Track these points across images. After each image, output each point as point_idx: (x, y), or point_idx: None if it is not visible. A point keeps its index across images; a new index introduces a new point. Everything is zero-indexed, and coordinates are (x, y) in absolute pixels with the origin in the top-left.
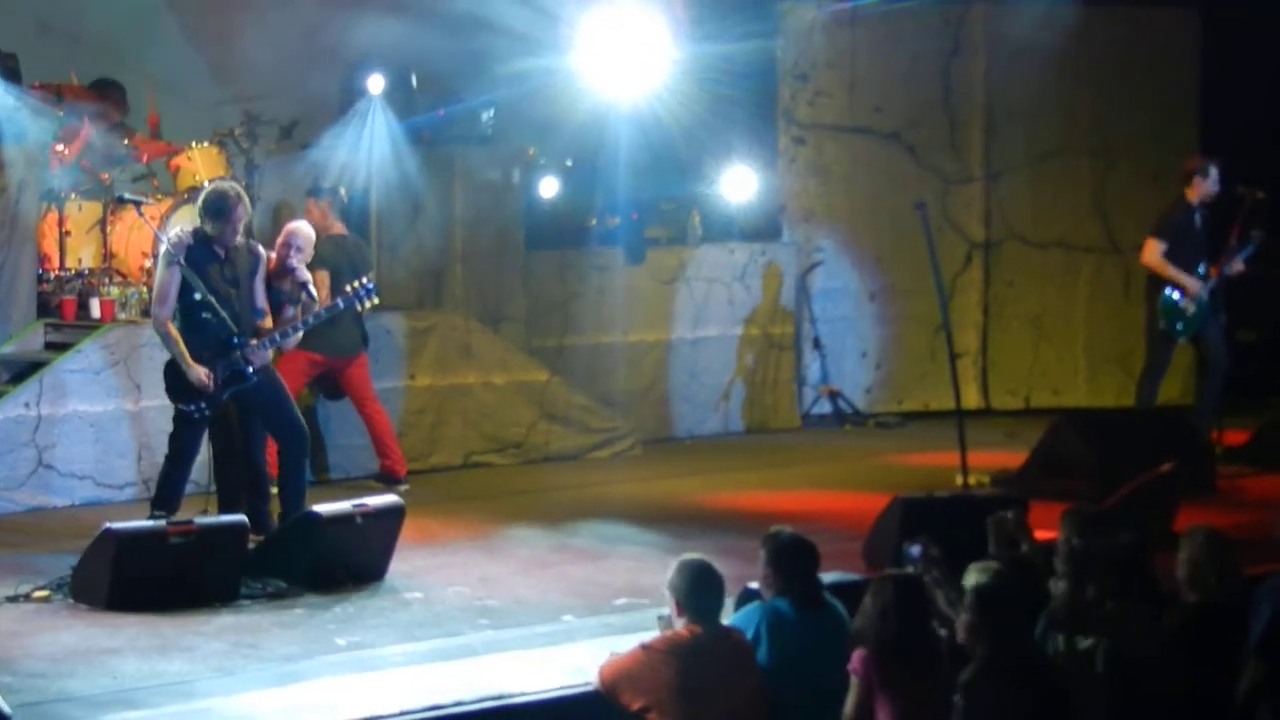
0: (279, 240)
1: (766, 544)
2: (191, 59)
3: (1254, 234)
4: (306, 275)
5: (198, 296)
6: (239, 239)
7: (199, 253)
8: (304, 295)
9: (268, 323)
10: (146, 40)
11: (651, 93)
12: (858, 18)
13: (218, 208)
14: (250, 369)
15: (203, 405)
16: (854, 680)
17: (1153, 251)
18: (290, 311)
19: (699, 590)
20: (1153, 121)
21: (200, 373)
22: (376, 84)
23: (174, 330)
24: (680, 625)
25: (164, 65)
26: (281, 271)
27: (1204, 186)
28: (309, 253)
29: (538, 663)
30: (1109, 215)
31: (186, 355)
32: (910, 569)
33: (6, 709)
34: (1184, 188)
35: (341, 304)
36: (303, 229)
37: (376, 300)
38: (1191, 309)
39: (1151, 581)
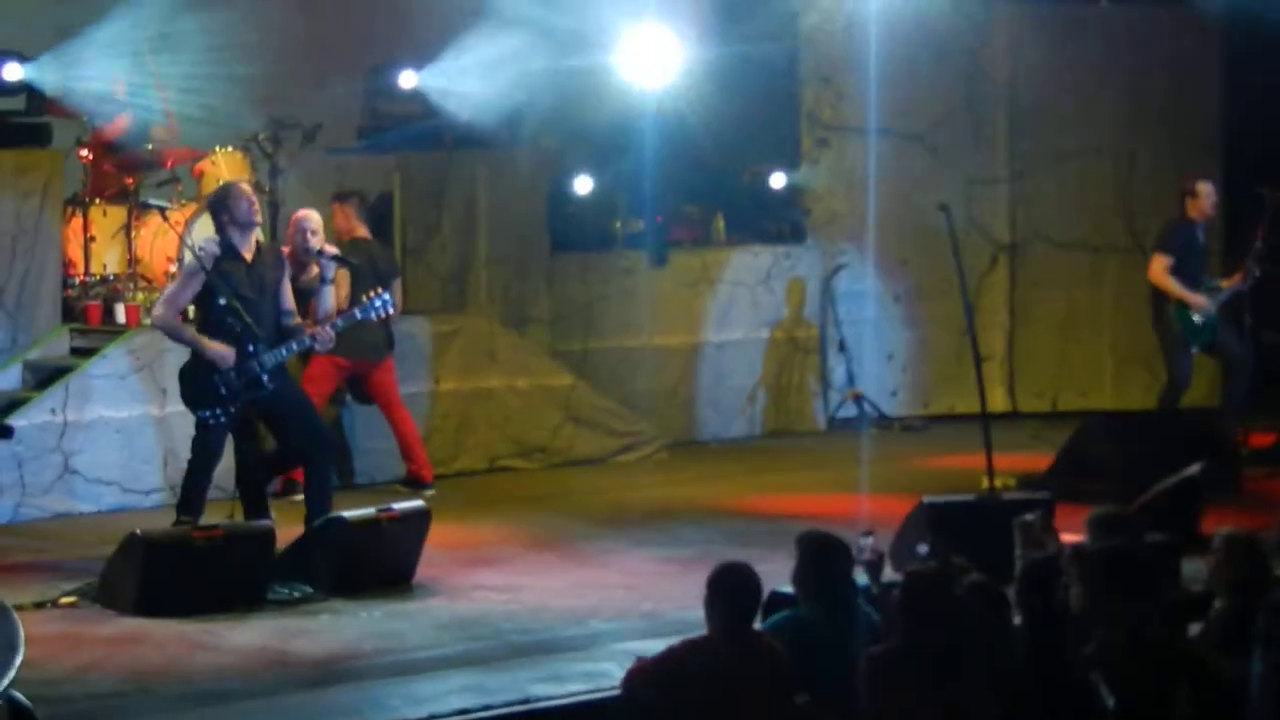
0: (290, 231)
1: (800, 544)
2: (213, 63)
3: (1253, 272)
4: (333, 249)
5: (222, 301)
6: (263, 241)
7: (225, 261)
8: (337, 268)
9: (297, 321)
10: (167, 45)
11: (675, 95)
12: (880, 19)
13: (219, 200)
14: (266, 376)
15: (218, 412)
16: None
17: (1159, 268)
18: (324, 300)
19: (737, 595)
20: (1176, 121)
21: (221, 348)
22: (404, 83)
23: (178, 321)
24: (714, 627)
25: (186, 70)
26: (300, 261)
27: (1198, 204)
28: (323, 235)
29: (563, 667)
30: (1133, 216)
31: (202, 339)
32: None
33: (35, 714)
34: (1182, 204)
35: (359, 314)
36: (311, 213)
37: (393, 310)
38: (1200, 320)
39: (1174, 584)
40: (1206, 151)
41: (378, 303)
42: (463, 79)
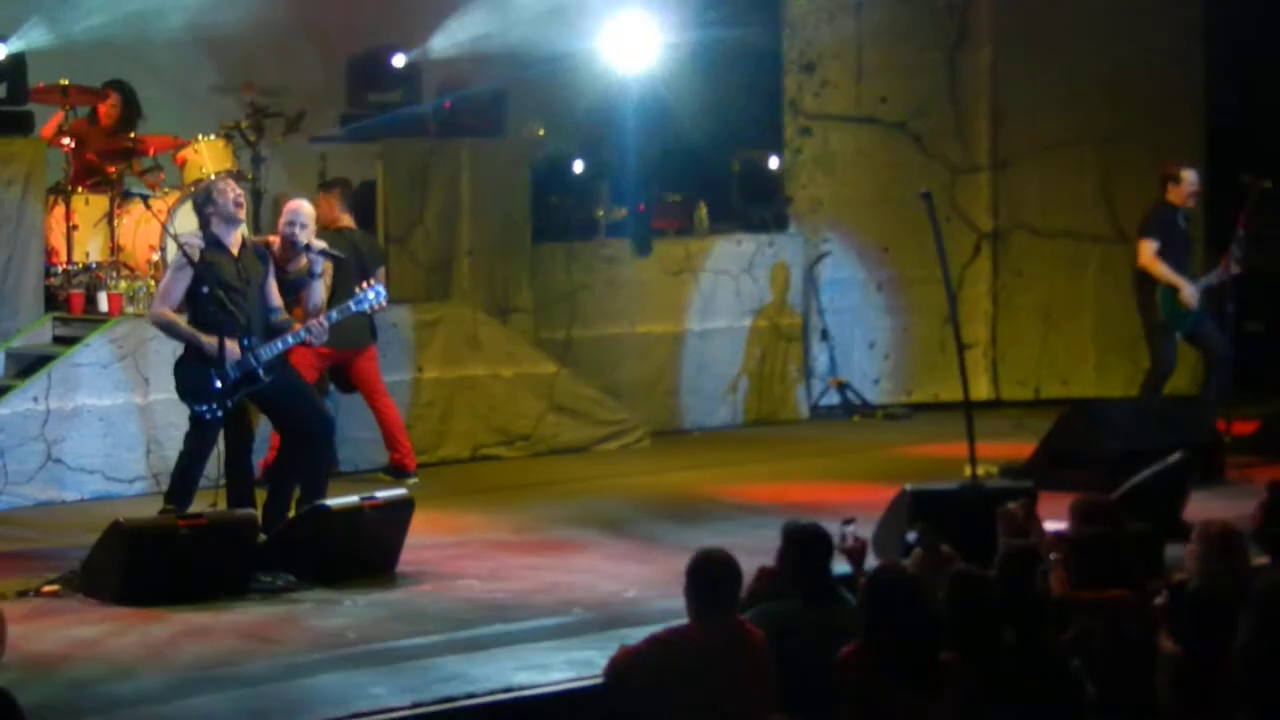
0: (281, 220)
1: (784, 533)
2: (195, 51)
3: (1235, 256)
4: (321, 243)
5: (205, 290)
6: (247, 237)
7: (208, 255)
8: (324, 261)
9: (284, 317)
10: (151, 33)
11: (658, 83)
12: (863, 7)
13: (204, 195)
14: (261, 369)
15: (214, 406)
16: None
17: (1148, 252)
18: (314, 293)
19: (714, 582)
20: (1158, 109)
21: (214, 342)
22: (388, 70)
23: (175, 315)
24: (694, 615)
25: (169, 57)
26: (289, 253)
27: (1179, 191)
28: (313, 228)
29: (547, 655)
30: (1115, 204)
31: (197, 333)
32: (908, 560)
33: (18, 703)
34: (1164, 190)
35: (353, 306)
36: (304, 205)
37: (385, 303)
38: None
39: (1157, 572)
40: (1189, 140)
41: (371, 294)
42: (446, 66)
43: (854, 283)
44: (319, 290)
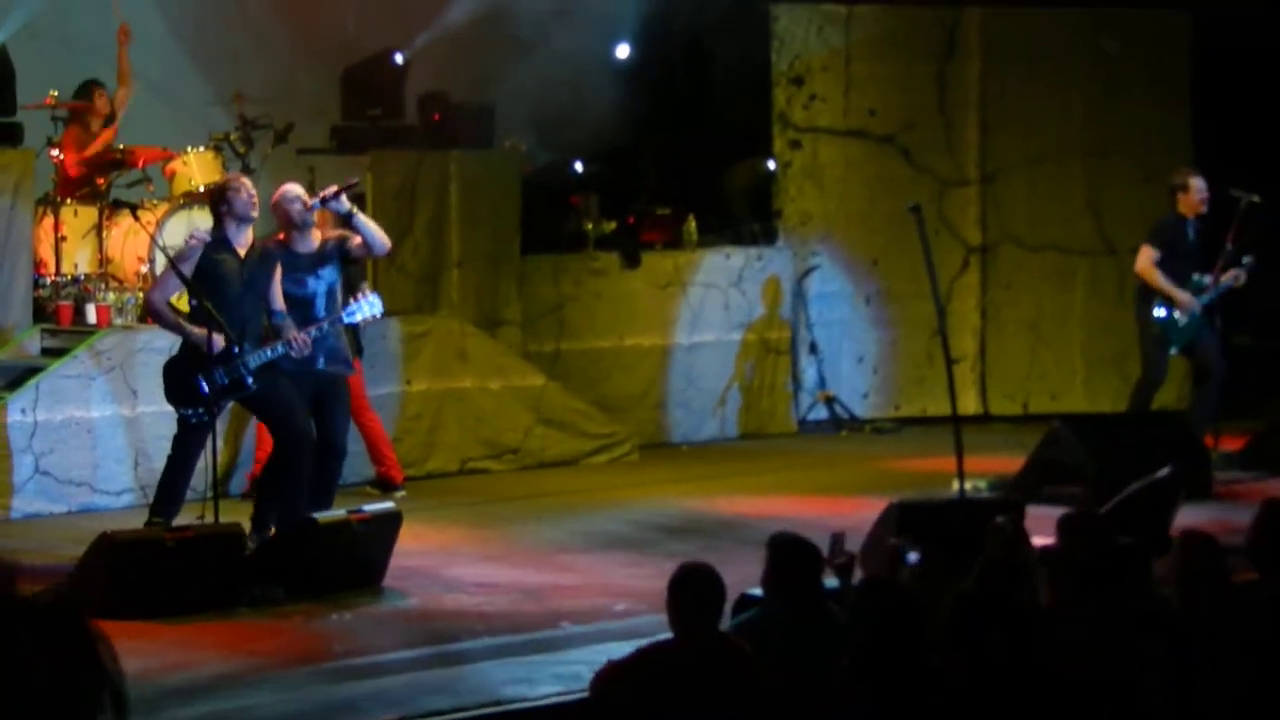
0: (277, 214)
1: (770, 546)
2: (184, 63)
3: (1245, 260)
4: (330, 188)
5: (194, 302)
6: (256, 239)
7: (214, 253)
8: (345, 197)
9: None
10: (138, 44)
11: (646, 96)
12: (852, 20)
13: (218, 192)
14: (250, 378)
15: (200, 411)
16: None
17: (1146, 260)
18: (366, 232)
19: (699, 596)
20: (1145, 123)
21: (203, 332)
22: (376, 82)
23: (166, 307)
24: (678, 629)
25: (157, 69)
26: (298, 229)
27: (1188, 199)
28: (308, 199)
29: (534, 669)
30: (1103, 217)
31: (186, 325)
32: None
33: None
34: (1172, 200)
35: (344, 318)
36: (290, 185)
37: (379, 314)
38: (1183, 320)
39: (1145, 585)
40: (1177, 154)
41: (365, 305)
42: (434, 78)
43: (842, 296)
44: (366, 226)
